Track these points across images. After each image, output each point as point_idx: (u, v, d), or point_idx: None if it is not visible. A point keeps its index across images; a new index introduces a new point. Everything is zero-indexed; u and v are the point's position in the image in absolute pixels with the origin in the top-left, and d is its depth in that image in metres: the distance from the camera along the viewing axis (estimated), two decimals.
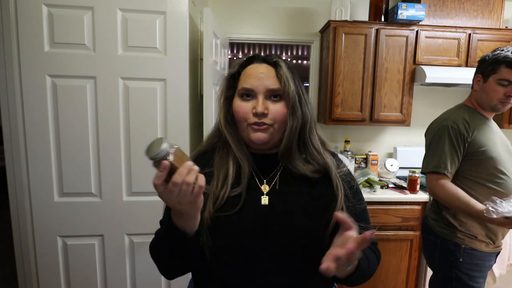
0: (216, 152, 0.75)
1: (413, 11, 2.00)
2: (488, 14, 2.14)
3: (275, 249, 0.65)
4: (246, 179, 0.70)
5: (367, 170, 2.19)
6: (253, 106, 0.69)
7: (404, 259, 2.01)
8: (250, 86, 0.69)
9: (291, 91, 0.68)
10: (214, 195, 0.67)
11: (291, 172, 0.72)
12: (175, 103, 1.48)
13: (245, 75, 0.71)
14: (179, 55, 1.46)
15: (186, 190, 0.52)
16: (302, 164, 0.71)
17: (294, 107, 0.69)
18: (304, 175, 0.71)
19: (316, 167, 0.72)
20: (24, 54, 1.35)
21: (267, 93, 0.69)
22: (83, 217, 1.48)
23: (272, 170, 0.74)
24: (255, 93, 0.69)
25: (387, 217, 1.95)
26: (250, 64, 0.73)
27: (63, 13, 1.36)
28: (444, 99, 2.49)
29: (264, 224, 0.67)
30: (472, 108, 1.37)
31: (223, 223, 0.66)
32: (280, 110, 0.69)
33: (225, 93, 0.74)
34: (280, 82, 0.69)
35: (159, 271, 0.69)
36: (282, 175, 0.73)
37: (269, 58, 0.73)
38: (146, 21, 1.41)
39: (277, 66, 0.71)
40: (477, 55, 2.12)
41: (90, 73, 1.40)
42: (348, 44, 2.10)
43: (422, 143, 2.54)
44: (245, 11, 2.35)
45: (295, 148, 0.71)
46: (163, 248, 0.65)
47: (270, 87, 0.69)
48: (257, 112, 0.67)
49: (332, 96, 2.14)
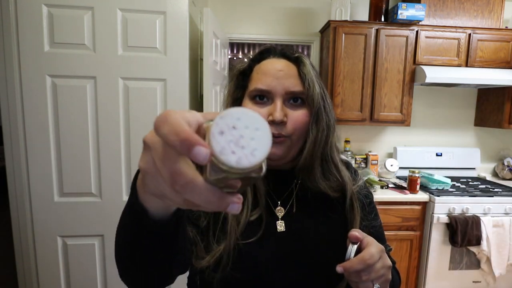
0: None
1: (413, 11, 2.00)
2: (488, 14, 2.14)
3: (294, 280, 0.56)
4: (263, 199, 0.58)
5: (367, 170, 2.19)
6: (269, 112, 0.55)
7: (404, 259, 2.01)
8: (265, 87, 0.56)
9: (315, 94, 0.56)
10: (236, 219, 0.55)
11: (309, 190, 0.60)
12: (175, 103, 1.48)
13: (259, 73, 0.58)
14: (179, 55, 1.45)
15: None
16: (324, 182, 0.60)
17: (318, 114, 0.57)
18: (324, 193, 0.60)
19: (336, 183, 0.60)
20: (24, 54, 1.35)
21: (286, 96, 0.56)
22: (83, 217, 1.48)
23: (287, 189, 0.62)
24: (271, 96, 0.56)
25: (387, 217, 1.95)
26: (265, 59, 0.60)
27: (63, 13, 1.36)
28: (444, 99, 2.49)
29: (284, 253, 0.57)
30: None
31: (244, 253, 0.54)
32: (301, 118, 0.56)
33: (233, 95, 0.61)
34: (304, 84, 0.56)
35: (119, 272, 0.46)
36: (299, 195, 0.62)
37: (290, 52, 0.60)
38: (146, 21, 1.41)
39: (299, 63, 0.58)
40: (477, 55, 2.12)
41: (90, 73, 1.40)
42: (348, 44, 2.10)
43: (422, 143, 2.55)
44: (245, 11, 2.35)
45: (317, 163, 0.59)
46: (125, 235, 0.41)
47: (290, 89, 0.56)
48: (275, 120, 0.54)
49: (332, 96, 2.14)
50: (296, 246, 0.57)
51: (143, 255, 0.40)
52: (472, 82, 2.05)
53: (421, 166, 2.38)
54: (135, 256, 0.41)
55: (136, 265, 0.42)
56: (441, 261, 1.96)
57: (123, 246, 0.42)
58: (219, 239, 0.54)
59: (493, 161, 2.57)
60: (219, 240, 0.54)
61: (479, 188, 2.10)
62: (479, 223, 1.86)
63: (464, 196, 1.93)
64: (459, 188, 2.07)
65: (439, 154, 2.42)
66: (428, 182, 2.05)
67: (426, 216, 1.98)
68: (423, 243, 2.00)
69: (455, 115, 2.52)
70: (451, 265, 1.97)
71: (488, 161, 2.56)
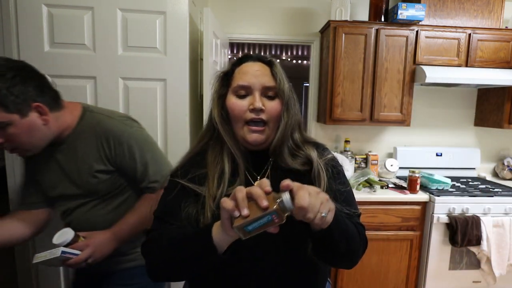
0: (209, 151, 0.75)
1: (413, 11, 2.00)
2: (488, 14, 2.14)
3: (271, 242, 0.65)
4: (243, 175, 0.72)
5: (367, 170, 2.19)
6: (250, 102, 0.70)
7: (404, 259, 2.01)
8: (246, 83, 0.71)
9: (285, 88, 0.71)
10: (211, 194, 0.68)
11: (280, 166, 0.74)
12: (175, 103, 1.48)
13: (240, 73, 0.73)
14: (179, 55, 1.46)
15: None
16: (291, 159, 0.74)
17: (288, 104, 0.72)
18: (293, 169, 0.73)
19: (303, 160, 0.75)
20: (24, 54, 1.35)
21: (263, 90, 0.71)
22: None
23: (263, 166, 0.76)
24: (251, 90, 0.71)
25: (387, 217, 1.95)
26: (244, 63, 0.75)
27: (63, 13, 1.36)
28: (444, 99, 2.49)
29: None
30: None
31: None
32: (275, 107, 0.71)
33: (219, 92, 0.76)
34: (276, 80, 0.71)
35: (153, 270, 0.66)
36: (273, 170, 0.75)
37: (263, 57, 0.75)
38: (146, 21, 1.41)
39: (271, 65, 0.73)
40: (477, 55, 2.12)
41: (90, 73, 1.40)
42: (348, 44, 2.10)
43: (422, 143, 2.55)
44: (245, 11, 2.35)
45: (285, 145, 0.74)
46: (184, 254, 0.62)
47: (266, 85, 0.71)
48: (255, 108, 0.69)
49: (332, 96, 2.14)
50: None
51: (190, 271, 0.64)
52: (472, 82, 2.05)
53: (421, 166, 2.38)
54: (182, 270, 0.64)
55: (178, 274, 0.66)
56: (441, 261, 1.96)
57: (176, 262, 0.63)
58: (203, 213, 0.67)
59: (493, 161, 2.57)
60: (203, 214, 0.67)
61: (479, 188, 2.10)
62: (479, 223, 1.86)
63: (464, 196, 1.93)
64: (459, 188, 2.07)
65: (439, 154, 2.42)
66: (428, 182, 2.05)
67: (426, 216, 1.98)
68: (423, 243, 2.00)
69: (455, 115, 2.52)
70: (451, 265, 1.97)
71: (488, 161, 2.56)
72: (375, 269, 2.01)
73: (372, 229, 1.95)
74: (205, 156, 0.75)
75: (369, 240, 0.75)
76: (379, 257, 1.99)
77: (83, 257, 0.89)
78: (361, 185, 2.05)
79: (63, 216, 1.05)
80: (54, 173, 1.00)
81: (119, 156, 0.98)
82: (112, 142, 0.97)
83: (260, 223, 0.50)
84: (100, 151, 0.97)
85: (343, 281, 2.01)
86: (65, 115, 0.96)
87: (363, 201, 1.94)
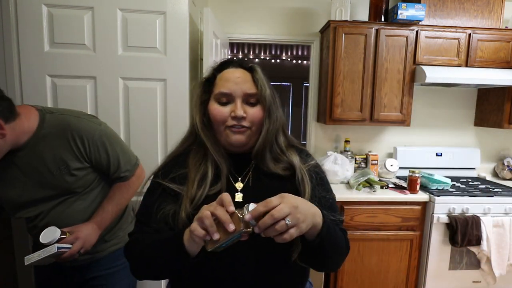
0: (191, 154, 0.76)
1: (413, 11, 2.00)
2: (488, 14, 2.14)
3: (250, 243, 0.64)
4: (225, 179, 0.72)
5: (367, 170, 2.19)
6: (231, 110, 0.70)
7: (404, 259, 2.01)
8: (228, 90, 0.70)
9: (267, 95, 0.71)
10: (190, 195, 0.69)
11: (262, 170, 0.75)
12: (175, 103, 1.48)
13: (221, 80, 0.73)
14: (179, 55, 1.46)
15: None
16: (273, 164, 0.75)
17: (270, 110, 0.72)
18: (275, 173, 0.74)
19: (285, 165, 0.75)
20: (24, 54, 1.35)
21: (244, 97, 0.71)
22: None
23: (245, 169, 0.76)
24: (233, 97, 0.71)
25: (387, 217, 1.95)
26: (225, 69, 0.75)
27: (63, 13, 1.36)
28: (444, 99, 2.49)
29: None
30: None
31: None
32: (257, 113, 0.71)
33: (201, 98, 0.76)
34: (257, 87, 0.71)
35: (135, 271, 0.70)
36: (255, 173, 0.76)
37: (245, 63, 0.75)
38: (146, 21, 1.41)
39: (253, 71, 0.73)
40: (477, 55, 2.12)
41: (90, 73, 1.40)
42: (348, 44, 2.10)
43: (422, 143, 2.55)
44: (245, 11, 2.35)
45: (267, 150, 0.74)
46: (160, 259, 0.65)
47: (247, 92, 0.71)
48: (237, 116, 0.69)
49: (332, 96, 2.14)
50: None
51: (168, 273, 0.71)
52: (472, 82, 2.05)
53: (421, 166, 2.38)
54: (161, 272, 0.67)
55: (158, 275, 0.68)
56: (441, 261, 1.96)
57: (153, 265, 0.66)
58: (178, 212, 0.68)
59: (493, 161, 2.57)
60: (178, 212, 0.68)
61: (479, 188, 2.10)
62: (479, 223, 1.86)
63: (464, 196, 1.93)
64: (459, 188, 2.07)
65: (439, 154, 2.42)
66: (428, 182, 2.05)
67: (426, 216, 1.98)
68: (423, 243, 2.00)
69: (455, 115, 2.52)
70: (451, 265, 1.97)
71: (488, 161, 2.56)
72: (375, 269, 2.01)
73: (372, 229, 1.95)
74: (187, 157, 0.76)
75: (369, 240, 0.77)
76: (379, 257, 1.99)
77: (76, 249, 0.96)
78: (361, 185, 2.05)
79: (35, 221, 1.03)
80: (16, 180, 0.98)
81: (94, 153, 1.02)
82: (86, 141, 1.00)
83: (231, 240, 0.56)
84: (74, 150, 0.99)
85: (343, 281, 2.01)
86: (22, 122, 0.93)
87: (363, 201, 1.94)
